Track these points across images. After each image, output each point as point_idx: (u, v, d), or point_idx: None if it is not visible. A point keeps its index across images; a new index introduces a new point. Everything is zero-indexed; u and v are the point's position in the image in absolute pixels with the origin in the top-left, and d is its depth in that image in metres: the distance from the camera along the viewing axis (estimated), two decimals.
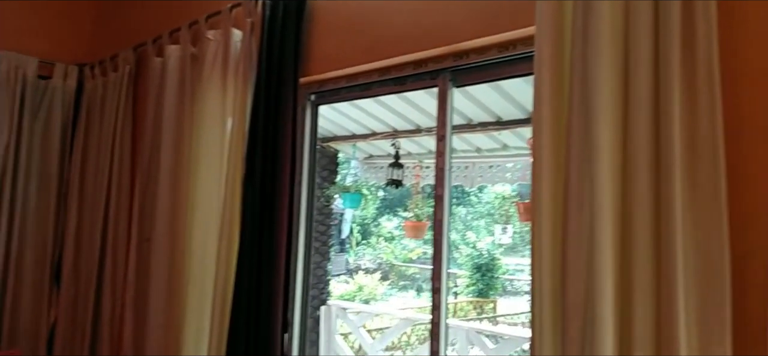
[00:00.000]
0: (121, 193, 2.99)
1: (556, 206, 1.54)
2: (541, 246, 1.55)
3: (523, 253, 19.98)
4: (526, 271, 17.93)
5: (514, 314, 12.31)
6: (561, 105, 1.57)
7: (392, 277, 17.81)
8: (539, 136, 1.57)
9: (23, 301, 3.21)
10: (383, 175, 5.78)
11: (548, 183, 1.55)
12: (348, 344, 6.65)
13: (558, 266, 1.52)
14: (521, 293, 16.32)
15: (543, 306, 1.54)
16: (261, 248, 2.33)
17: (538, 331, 1.54)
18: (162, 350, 2.63)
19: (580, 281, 1.41)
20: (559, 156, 1.55)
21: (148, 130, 2.89)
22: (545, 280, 1.54)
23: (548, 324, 1.53)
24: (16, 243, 3.20)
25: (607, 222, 1.37)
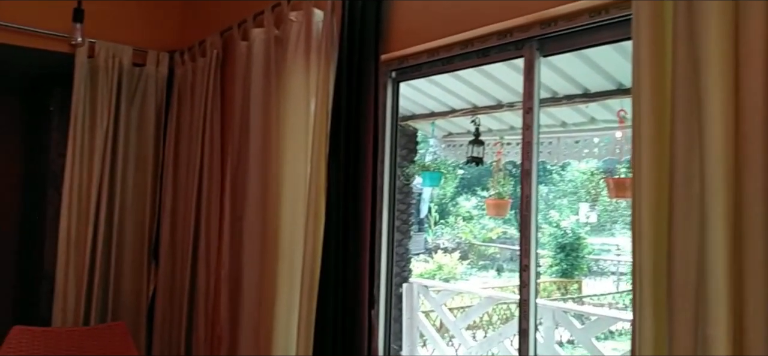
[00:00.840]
0: (212, 173, 3.11)
1: (659, 179, 1.45)
2: (642, 222, 1.46)
3: (610, 232, 19.27)
4: (612, 251, 17.30)
5: (601, 294, 11.91)
6: (663, 68, 1.46)
7: (471, 257, 17.69)
8: (639, 104, 1.47)
9: (124, 277, 3.42)
10: (462, 152, 5.70)
11: (649, 154, 1.46)
12: (430, 321, 6.67)
13: (662, 244, 1.42)
14: (608, 273, 15.76)
15: (643, 286, 1.45)
16: (346, 225, 2.35)
17: (639, 311, 1.45)
18: (256, 323, 2.72)
19: (689, 260, 1.32)
20: (662, 125, 1.45)
21: (237, 111, 2.97)
22: (646, 259, 1.45)
23: (649, 304, 1.45)
24: (117, 222, 3.40)
25: (720, 196, 1.26)
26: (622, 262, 15.54)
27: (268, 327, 2.64)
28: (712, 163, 1.27)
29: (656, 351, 1.44)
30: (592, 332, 5.61)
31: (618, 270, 15.28)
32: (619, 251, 17.14)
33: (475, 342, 6.15)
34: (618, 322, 9.61)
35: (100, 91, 3.34)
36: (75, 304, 3.20)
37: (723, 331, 1.24)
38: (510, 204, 5.30)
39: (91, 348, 2.94)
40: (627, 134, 3.98)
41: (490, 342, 6.58)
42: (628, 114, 3.82)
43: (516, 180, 7.84)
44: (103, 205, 3.34)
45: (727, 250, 1.25)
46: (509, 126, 4.99)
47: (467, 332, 6.77)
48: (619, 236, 18.77)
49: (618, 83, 3.90)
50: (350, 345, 2.29)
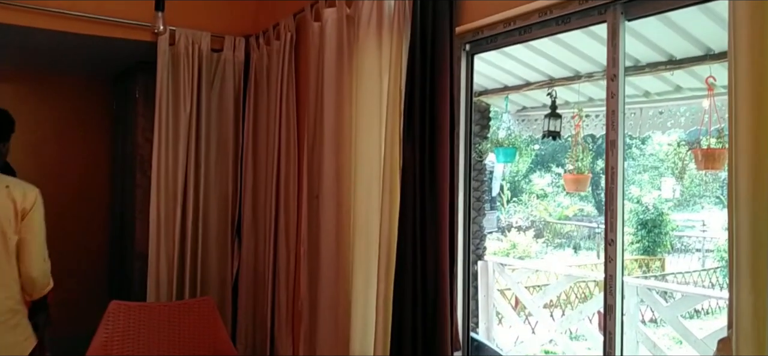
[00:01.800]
0: (289, 153, 3.18)
1: (758, 144, 1.35)
2: (739, 190, 1.37)
3: (694, 208, 18.33)
4: (697, 227, 16.45)
5: (685, 272, 11.37)
6: (762, 27, 1.35)
7: (546, 235, 17.32)
8: (735, 66, 1.37)
9: (210, 254, 3.57)
10: (537, 127, 5.55)
11: (747, 118, 1.36)
12: (505, 300, 6.60)
13: (761, 213, 1.33)
14: (692, 250, 15.03)
15: (740, 258, 1.37)
16: (423, 202, 2.34)
17: (736, 285, 1.37)
18: (334, 299, 2.78)
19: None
20: (761, 87, 1.35)
21: (311, 91, 3.02)
22: (743, 229, 1.36)
23: (747, 277, 1.36)
24: (202, 203, 3.55)
25: None
26: (707, 239, 14.77)
27: (345, 303, 2.69)
28: None
29: (755, 326, 1.36)
30: (678, 310, 5.37)
31: (703, 247, 14.55)
32: (704, 227, 16.29)
33: (553, 320, 6.02)
34: (704, 301, 9.20)
35: (182, 76, 3.47)
36: (167, 281, 3.37)
37: None
38: (589, 178, 5.11)
39: (181, 321, 3.10)
40: (715, 102, 3.74)
41: (569, 320, 6.44)
42: (717, 80, 3.58)
43: (595, 154, 7.57)
44: (189, 187, 3.49)
45: None
46: (588, 98, 4.80)
47: (545, 311, 6.64)
48: (704, 212, 17.83)
49: (706, 48, 3.66)
50: (433, 321, 2.29)
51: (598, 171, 14.72)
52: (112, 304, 3.02)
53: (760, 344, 1.35)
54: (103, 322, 2.95)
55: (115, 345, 2.95)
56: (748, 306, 1.37)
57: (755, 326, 1.36)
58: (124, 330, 2.98)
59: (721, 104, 3.65)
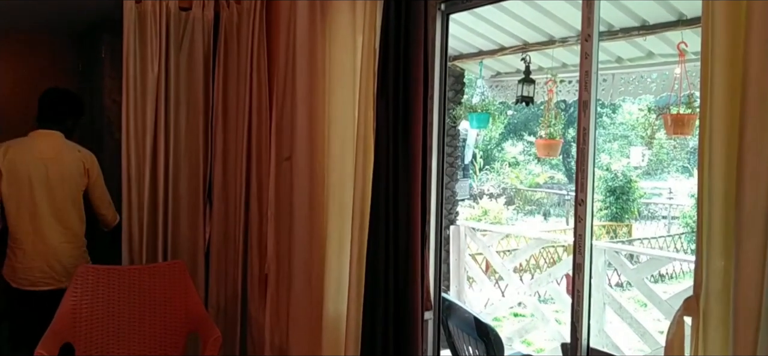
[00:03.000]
0: (261, 115, 3.13)
1: (730, 106, 1.37)
2: (712, 156, 1.39)
3: (661, 176, 18.75)
4: (664, 195, 16.86)
5: (651, 238, 11.67)
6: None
7: (517, 202, 17.55)
8: (712, 32, 1.38)
9: (182, 218, 3.51)
10: (511, 93, 5.56)
11: (721, 85, 1.38)
12: (477, 264, 6.69)
13: (731, 172, 1.35)
14: (659, 217, 15.41)
15: (712, 216, 1.39)
16: (396, 165, 2.34)
17: (706, 243, 1.40)
18: (308, 260, 2.78)
19: (760, 185, 1.25)
20: (736, 52, 1.36)
21: (283, 52, 2.96)
22: (716, 188, 1.38)
23: (718, 242, 1.39)
24: (172, 166, 3.48)
25: None
26: (673, 206, 15.15)
27: (319, 262, 2.69)
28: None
29: (724, 286, 1.39)
30: (643, 272, 5.51)
31: (669, 214, 14.93)
32: (670, 195, 16.70)
33: (522, 283, 6.13)
34: (668, 265, 9.47)
35: (149, 36, 3.36)
36: (139, 244, 3.31)
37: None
38: (560, 145, 5.17)
39: (152, 285, 3.06)
40: (686, 68, 3.79)
41: (538, 283, 6.56)
42: (689, 46, 3.62)
43: (567, 122, 7.63)
44: (159, 150, 3.41)
45: None
46: (561, 63, 4.83)
47: (514, 275, 6.76)
48: (670, 180, 18.26)
49: (679, 14, 3.69)
50: (404, 282, 2.31)
51: (569, 139, 14.90)
52: (79, 268, 2.97)
53: (728, 304, 1.38)
54: (71, 287, 2.90)
55: (84, 309, 2.90)
56: (718, 267, 1.39)
57: (724, 286, 1.39)
58: (92, 294, 2.93)
59: (691, 70, 3.70)
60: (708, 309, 1.40)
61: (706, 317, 1.41)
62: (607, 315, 5.15)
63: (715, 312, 1.39)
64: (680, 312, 1.49)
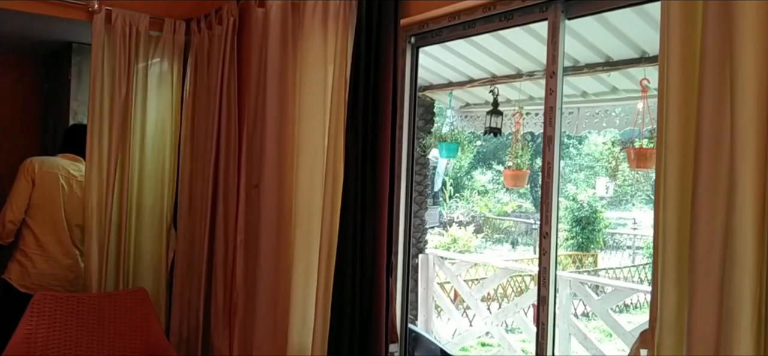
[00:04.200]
0: (229, 142, 3.10)
1: (685, 143, 1.41)
2: (666, 186, 1.43)
3: (626, 207, 19.14)
4: (629, 225, 17.19)
5: (616, 268, 11.86)
6: (693, 29, 1.41)
7: (486, 230, 17.68)
8: (667, 68, 1.43)
9: (145, 243, 3.44)
10: (480, 124, 5.64)
11: (677, 116, 1.42)
12: (445, 293, 6.69)
13: (686, 209, 1.39)
14: (623, 247, 15.69)
15: (666, 252, 1.43)
16: (365, 193, 2.34)
17: (660, 279, 1.43)
18: (273, 290, 2.74)
19: (715, 226, 1.28)
20: (690, 88, 1.41)
21: (253, 79, 2.95)
22: (669, 224, 1.42)
23: (672, 271, 1.42)
24: (137, 190, 3.42)
25: (751, 157, 1.22)
26: (638, 236, 15.46)
27: (285, 292, 2.66)
28: (743, 123, 1.23)
29: (678, 319, 1.42)
30: (608, 303, 5.59)
31: (634, 244, 15.21)
32: (635, 225, 17.04)
33: (489, 313, 6.15)
34: (633, 295, 9.63)
35: (117, 58, 3.33)
36: (98, 271, 3.23)
37: (748, 298, 1.21)
38: (527, 175, 5.25)
39: (113, 313, 2.98)
40: (649, 104, 3.91)
41: (505, 312, 6.59)
42: (651, 82, 3.74)
43: (534, 152, 7.77)
44: (124, 173, 3.35)
45: (756, 213, 1.22)
46: (528, 96, 4.92)
47: (482, 304, 6.78)
48: (635, 211, 18.66)
49: (641, 51, 3.81)
50: (368, 313, 2.29)
51: (536, 169, 15.14)
52: (37, 295, 2.88)
53: (682, 337, 1.41)
54: (26, 315, 2.80)
55: (40, 339, 2.81)
56: (672, 300, 1.42)
57: (678, 320, 1.42)
58: (49, 323, 2.84)
59: (654, 105, 3.81)
60: (662, 342, 1.43)
61: (661, 349, 1.43)
62: (572, 346, 5.19)
63: (669, 344, 1.41)
64: (637, 345, 1.51)
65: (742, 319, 1.21)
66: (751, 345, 1.21)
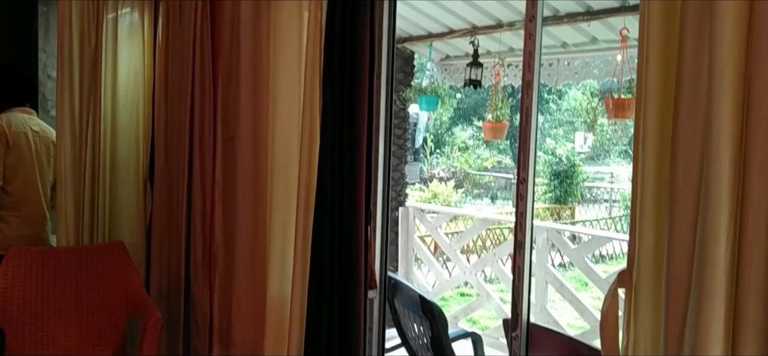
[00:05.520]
0: (204, 93, 3.03)
1: (665, 87, 1.42)
2: (646, 136, 1.44)
3: (604, 161, 19.40)
4: (606, 179, 17.46)
5: (593, 220, 12.08)
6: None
7: (466, 186, 17.83)
8: (648, 16, 1.42)
9: (121, 199, 3.39)
10: (460, 77, 5.61)
11: (657, 61, 1.42)
12: (425, 246, 6.76)
13: (664, 151, 1.41)
14: (601, 201, 15.96)
15: (644, 193, 1.45)
16: (343, 144, 2.33)
17: (639, 219, 1.45)
18: (251, 241, 2.74)
19: (693, 161, 1.30)
20: (671, 37, 1.40)
21: (227, 29, 2.88)
22: (649, 167, 1.44)
23: (649, 218, 1.44)
24: (110, 144, 3.35)
25: (727, 96, 1.23)
26: (615, 190, 15.72)
27: (263, 243, 2.65)
28: (720, 61, 1.23)
29: (655, 260, 1.45)
30: (585, 251, 5.69)
31: (611, 197, 15.48)
32: (612, 179, 17.31)
33: (469, 264, 6.24)
34: (609, 246, 9.83)
35: (85, 8, 3.22)
36: (75, 226, 3.19)
37: (724, 228, 1.23)
38: (507, 127, 5.26)
39: (90, 266, 2.95)
40: (628, 54, 3.92)
41: (483, 262, 6.69)
42: (630, 32, 3.73)
43: (514, 105, 7.78)
44: (97, 127, 3.28)
45: (732, 147, 1.23)
46: (509, 47, 4.89)
47: (462, 255, 6.87)
48: (613, 165, 18.93)
49: (622, 0, 3.80)
50: (347, 261, 2.31)
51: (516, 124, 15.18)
52: (11, 250, 2.84)
53: (658, 277, 1.44)
54: (1, 269, 2.77)
55: (16, 294, 2.78)
56: (649, 241, 1.45)
57: (655, 260, 1.45)
58: (25, 277, 2.81)
59: (633, 55, 3.82)
60: (639, 282, 1.46)
61: (638, 289, 1.47)
62: (549, 295, 5.30)
63: (646, 283, 1.45)
64: (615, 285, 1.55)
65: (717, 255, 1.24)
66: (724, 280, 1.24)
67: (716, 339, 1.24)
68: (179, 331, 3.19)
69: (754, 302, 1.24)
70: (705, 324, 1.24)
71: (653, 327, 1.45)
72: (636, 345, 1.47)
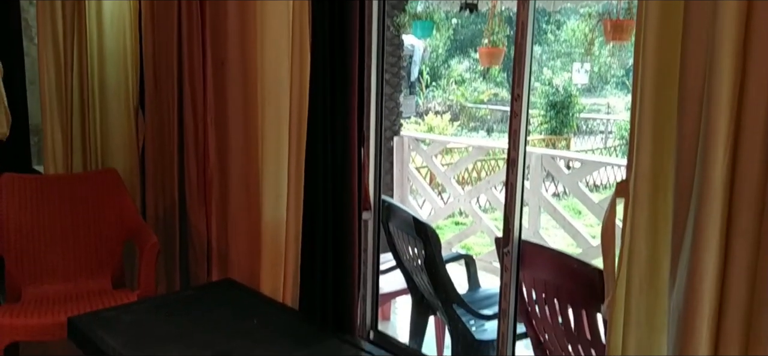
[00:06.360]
0: (191, 15, 2.96)
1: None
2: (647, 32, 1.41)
3: (600, 93, 19.28)
4: (602, 111, 17.39)
5: (589, 150, 12.11)
6: None
7: (462, 119, 17.74)
8: None
9: (112, 126, 3.36)
10: (456, 3, 5.49)
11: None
12: (420, 176, 6.77)
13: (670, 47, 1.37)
14: (597, 132, 15.94)
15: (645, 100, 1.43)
16: (334, 66, 2.28)
17: (638, 124, 1.44)
18: (244, 165, 2.73)
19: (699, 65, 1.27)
20: None
21: None
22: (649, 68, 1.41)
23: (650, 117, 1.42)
24: (97, 71, 3.30)
25: None
26: (611, 121, 15.68)
27: (256, 168, 2.65)
28: None
29: (653, 167, 1.45)
30: (579, 176, 5.70)
31: (606, 129, 15.46)
32: (608, 110, 17.24)
33: (463, 192, 6.26)
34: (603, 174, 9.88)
35: None
36: (64, 154, 3.17)
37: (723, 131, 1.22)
38: (503, 53, 5.19)
39: (84, 193, 2.95)
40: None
41: (478, 189, 6.71)
42: None
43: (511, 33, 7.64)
44: (83, 53, 3.22)
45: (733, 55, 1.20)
46: None
47: (457, 185, 6.89)
48: (610, 97, 18.82)
49: None
50: (341, 182, 2.30)
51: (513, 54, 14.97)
52: (4, 176, 2.83)
53: (657, 184, 1.44)
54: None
55: (12, 219, 2.79)
56: (648, 149, 1.44)
57: (653, 168, 1.45)
58: (19, 203, 2.81)
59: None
60: (638, 190, 1.47)
61: (636, 197, 1.47)
62: (542, 221, 5.35)
63: (645, 192, 1.45)
64: (614, 195, 1.56)
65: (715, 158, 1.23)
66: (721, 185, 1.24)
67: (711, 245, 1.25)
68: (176, 257, 3.22)
69: (746, 211, 1.24)
70: (702, 229, 1.25)
71: (650, 235, 1.46)
72: (632, 252, 1.48)
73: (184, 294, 2.70)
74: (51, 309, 2.54)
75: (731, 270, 1.24)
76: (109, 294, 2.72)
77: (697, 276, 1.25)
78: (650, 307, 1.49)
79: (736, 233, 1.25)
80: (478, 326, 2.78)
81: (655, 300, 1.48)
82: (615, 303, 1.56)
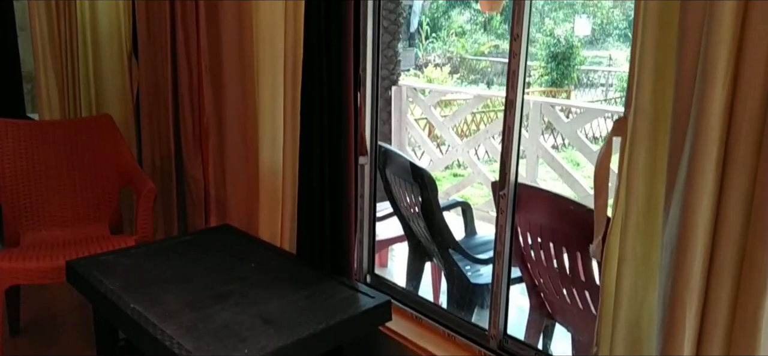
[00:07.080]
0: None
1: None
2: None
3: (603, 46, 19.05)
4: (603, 63, 17.22)
5: (589, 102, 12.03)
6: None
7: (462, 71, 17.57)
8: None
9: (106, 74, 3.33)
10: None
11: None
12: (419, 127, 6.75)
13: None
14: (597, 85, 15.82)
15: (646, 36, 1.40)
16: (329, 11, 2.23)
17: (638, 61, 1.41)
18: (240, 111, 2.71)
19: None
20: None
21: None
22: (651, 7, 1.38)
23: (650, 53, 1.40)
24: (89, 19, 3.24)
25: None
26: (612, 73, 15.54)
27: (253, 112, 2.63)
28: None
29: (652, 104, 1.42)
30: (578, 124, 5.67)
31: (608, 82, 15.33)
32: (610, 62, 17.07)
33: (461, 142, 6.25)
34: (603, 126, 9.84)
35: None
36: (59, 100, 3.14)
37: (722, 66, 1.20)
38: (504, 1, 5.09)
39: (79, 139, 2.93)
40: None
41: (476, 139, 6.69)
42: None
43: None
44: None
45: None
46: None
47: (456, 136, 6.87)
48: (611, 49, 18.61)
49: None
50: (337, 127, 2.28)
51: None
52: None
53: (656, 122, 1.42)
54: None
55: (7, 165, 2.78)
56: (648, 86, 1.42)
57: (652, 104, 1.42)
58: (14, 149, 2.80)
59: None
60: (636, 128, 1.45)
61: (635, 135, 1.45)
62: (539, 171, 5.34)
63: (643, 129, 1.44)
64: (611, 133, 1.54)
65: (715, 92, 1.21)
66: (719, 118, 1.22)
67: (707, 177, 1.24)
68: (173, 204, 3.23)
69: (744, 140, 1.22)
70: (698, 161, 1.24)
71: (648, 173, 1.45)
72: (630, 191, 1.47)
73: (182, 239, 2.70)
74: (49, 254, 2.55)
75: (726, 202, 1.23)
76: (107, 240, 2.73)
77: (690, 209, 1.25)
78: (646, 247, 1.48)
79: (732, 162, 1.23)
80: (473, 270, 2.80)
81: (652, 239, 1.47)
82: (609, 243, 1.56)
